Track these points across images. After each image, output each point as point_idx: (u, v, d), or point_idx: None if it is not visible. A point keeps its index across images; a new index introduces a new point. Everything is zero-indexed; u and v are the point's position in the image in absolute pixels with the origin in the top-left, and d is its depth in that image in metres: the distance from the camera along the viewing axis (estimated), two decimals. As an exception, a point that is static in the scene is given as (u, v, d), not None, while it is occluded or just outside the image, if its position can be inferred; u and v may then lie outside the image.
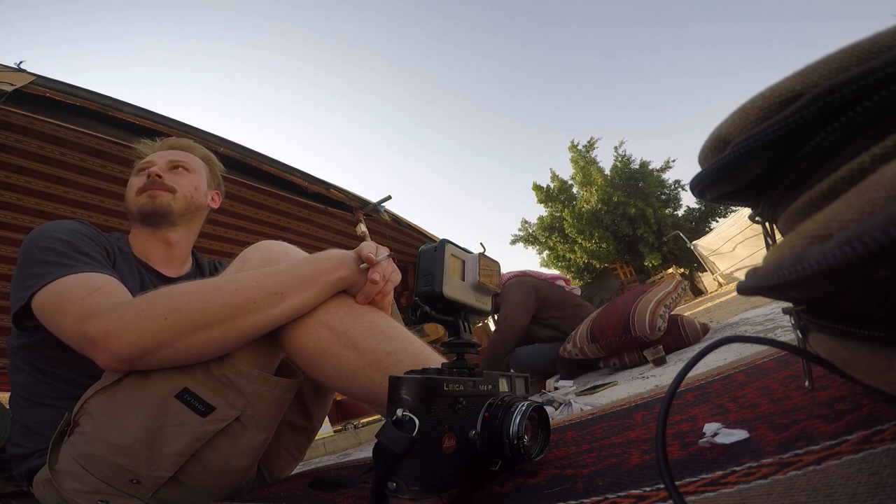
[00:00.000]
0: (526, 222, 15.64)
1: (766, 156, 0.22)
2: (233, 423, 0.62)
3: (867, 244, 0.15)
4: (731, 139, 0.25)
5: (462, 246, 0.51)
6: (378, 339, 0.60)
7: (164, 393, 0.58)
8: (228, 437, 0.62)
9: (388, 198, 3.71)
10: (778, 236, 0.32)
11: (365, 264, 0.65)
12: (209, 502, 0.64)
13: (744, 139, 0.23)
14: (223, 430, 0.61)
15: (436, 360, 0.59)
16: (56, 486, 0.60)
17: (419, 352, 0.61)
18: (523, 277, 2.21)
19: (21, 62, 1.49)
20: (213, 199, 1.00)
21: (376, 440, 0.38)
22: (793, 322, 0.32)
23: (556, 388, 1.56)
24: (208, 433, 0.60)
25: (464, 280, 0.49)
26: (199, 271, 0.96)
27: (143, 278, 0.82)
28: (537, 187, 15.17)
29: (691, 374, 0.52)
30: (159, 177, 0.88)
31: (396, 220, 3.89)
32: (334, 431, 2.79)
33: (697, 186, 0.28)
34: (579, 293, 2.34)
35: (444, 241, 0.48)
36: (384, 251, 0.68)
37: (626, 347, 1.58)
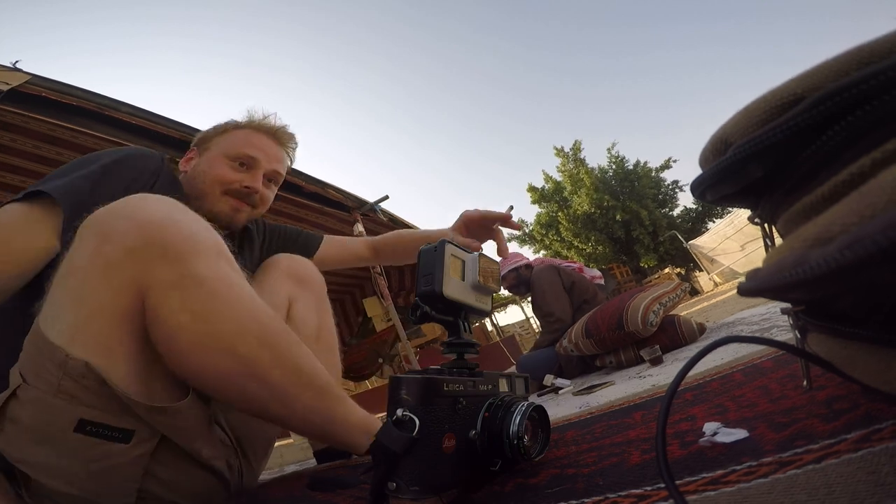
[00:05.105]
0: (522, 221, 15.66)
1: (767, 158, 0.23)
2: (163, 440, 0.54)
3: (868, 247, 0.15)
4: (732, 141, 0.25)
5: (462, 246, 0.51)
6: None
7: (61, 429, 0.49)
8: (172, 449, 0.56)
9: (386, 197, 3.71)
10: (776, 238, 0.32)
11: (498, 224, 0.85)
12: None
13: (745, 141, 0.23)
14: (161, 447, 0.54)
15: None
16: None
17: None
18: (545, 265, 2.25)
19: (17, 61, 1.48)
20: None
21: (375, 440, 0.38)
22: (791, 322, 0.33)
23: (553, 385, 1.56)
24: (144, 455, 0.53)
25: (464, 280, 0.49)
26: (247, 237, 0.92)
27: None
28: (532, 188, 15.22)
29: (689, 373, 0.52)
30: (256, 192, 0.82)
31: (393, 219, 3.88)
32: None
33: (699, 188, 0.29)
34: (602, 281, 2.37)
35: (444, 242, 0.48)
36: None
37: (619, 343, 1.58)
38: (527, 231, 15.59)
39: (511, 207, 0.86)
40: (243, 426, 0.73)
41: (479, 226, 0.92)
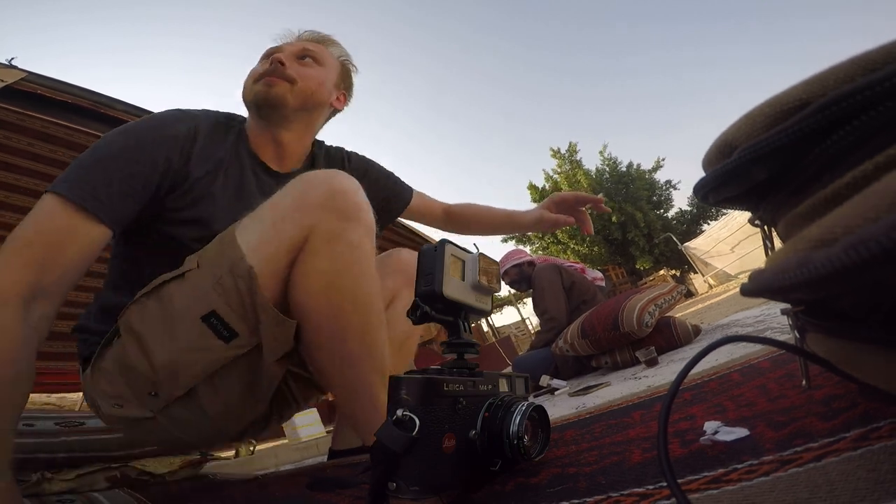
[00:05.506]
0: None
1: (771, 162, 0.23)
2: (250, 352, 0.65)
3: (872, 248, 0.15)
4: (737, 145, 0.26)
5: (462, 246, 0.51)
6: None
7: (193, 314, 0.61)
8: (242, 366, 0.66)
9: (382, 198, 3.69)
10: (776, 240, 0.33)
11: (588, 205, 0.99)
12: (213, 428, 0.70)
13: (750, 145, 0.23)
14: (240, 359, 0.65)
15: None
16: (90, 384, 0.66)
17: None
18: (548, 263, 2.28)
19: (13, 58, 1.47)
20: (338, 98, 0.92)
21: (375, 439, 0.38)
22: (791, 322, 0.33)
23: (549, 385, 1.57)
24: (227, 359, 0.64)
25: (464, 280, 0.49)
26: (310, 167, 0.91)
27: (243, 170, 0.79)
28: (532, 187, 15.24)
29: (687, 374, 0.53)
30: (282, 63, 0.81)
31: (390, 220, 3.87)
32: (327, 432, 2.78)
33: (702, 190, 0.29)
34: (603, 283, 2.40)
35: (444, 242, 0.48)
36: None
37: (615, 343, 1.59)
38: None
39: (601, 195, 1.01)
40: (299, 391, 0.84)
41: (569, 206, 1.05)
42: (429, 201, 1.10)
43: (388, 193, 1.02)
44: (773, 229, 0.31)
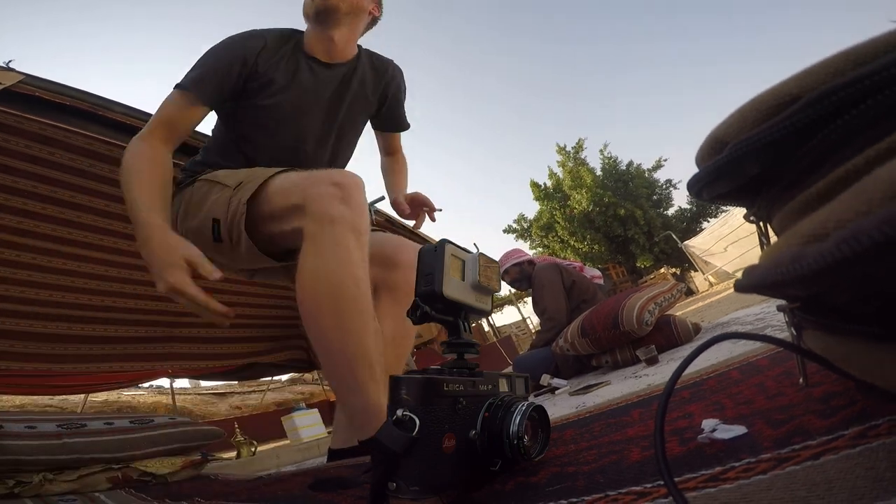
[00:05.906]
0: (523, 217, 15.64)
1: (762, 157, 0.23)
2: (232, 250, 0.89)
3: (863, 242, 0.15)
4: (728, 140, 0.26)
5: (462, 246, 0.51)
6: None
7: (210, 212, 0.89)
8: (227, 251, 0.91)
9: (382, 198, 3.69)
10: (772, 236, 0.33)
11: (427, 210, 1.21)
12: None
13: (741, 140, 0.23)
14: (223, 249, 0.90)
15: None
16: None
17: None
18: (548, 262, 2.28)
19: (10, 61, 1.47)
20: (374, 7, 1.17)
21: (374, 439, 0.38)
22: (787, 319, 0.33)
23: (550, 385, 1.57)
24: (214, 248, 0.90)
25: (464, 280, 0.49)
26: (353, 68, 1.13)
27: (298, 63, 1.06)
28: (534, 184, 15.22)
29: (686, 371, 0.52)
30: None
31: (390, 220, 3.87)
32: (328, 432, 2.78)
33: (695, 186, 0.29)
34: (601, 281, 2.40)
35: (445, 242, 0.48)
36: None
37: (615, 342, 1.59)
38: (524, 227, 15.58)
39: (441, 210, 1.24)
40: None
41: (418, 204, 1.25)
42: (398, 142, 1.39)
43: (400, 116, 1.30)
44: (768, 225, 0.31)
